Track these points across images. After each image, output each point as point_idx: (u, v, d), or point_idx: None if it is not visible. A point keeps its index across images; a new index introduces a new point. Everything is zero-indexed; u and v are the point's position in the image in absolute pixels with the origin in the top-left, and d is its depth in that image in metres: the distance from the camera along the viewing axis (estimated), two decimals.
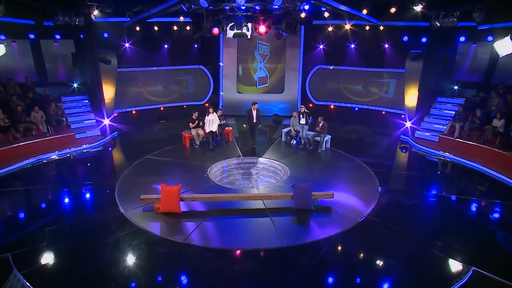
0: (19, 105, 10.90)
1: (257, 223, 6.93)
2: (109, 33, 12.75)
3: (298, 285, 5.16)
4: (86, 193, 8.22)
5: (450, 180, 9.75)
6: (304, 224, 6.92)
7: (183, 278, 5.28)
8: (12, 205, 7.70)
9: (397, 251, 6.04)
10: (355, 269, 5.57)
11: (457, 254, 5.78)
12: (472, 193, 8.61)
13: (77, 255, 5.70)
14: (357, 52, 15.26)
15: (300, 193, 7.28)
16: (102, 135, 11.92)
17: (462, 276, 5.32)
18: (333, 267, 5.62)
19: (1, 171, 8.93)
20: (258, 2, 7.64)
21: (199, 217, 6.99)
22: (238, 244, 6.14)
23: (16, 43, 12.44)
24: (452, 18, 8.70)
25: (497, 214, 7.53)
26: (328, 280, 5.29)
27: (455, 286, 5.16)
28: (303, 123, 11.13)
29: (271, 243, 6.12)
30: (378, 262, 5.78)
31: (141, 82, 15.31)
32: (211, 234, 6.47)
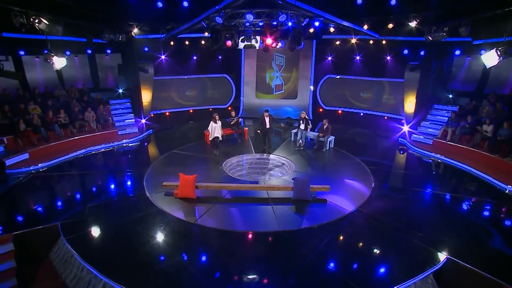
0: (76, 107, 11.75)
1: (259, 210, 7.11)
2: (148, 47, 13.36)
3: (288, 262, 5.31)
4: (122, 178, 8.77)
5: (439, 179, 9.44)
6: (300, 212, 7.01)
7: (189, 251, 5.58)
8: (65, 185, 8.41)
9: (379, 238, 6.04)
10: (339, 252, 5.65)
11: (434, 244, 5.69)
12: (458, 191, 8.37)
13: (109, 227, 6.21)
14: (361, 63, 15.09)
15: (299, 185, 7.38)
16: (139, 132, 12.48)
17: (436, 263, 5.25)
18: (320, 249, 5.69)
19: (61, 158, 9.69)
20: (265, 18, 7.84)
21: (210, 203, 7.27)
22: (240, 226, 6.38)
23: (77, 57, 13.43)
24: (441, 33, 8.43)
25: (479, 211, 7.25)
26: (314, 260, 5.37)
27: (428, 271, 5.12)
28: (302, 128, 10.87)
29: (269, 227, 6.30)
30: (361, 247, 5.82)
31: (174, 88, 15.84)
32: (218, 218, 6.73)
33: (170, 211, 6.78)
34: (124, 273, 4.89)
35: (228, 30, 8.12)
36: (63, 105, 11.56)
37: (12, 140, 9.67)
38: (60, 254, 5.73)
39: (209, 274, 4.99)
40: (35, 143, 9.89)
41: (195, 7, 9.53)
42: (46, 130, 10.24)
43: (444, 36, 8.43)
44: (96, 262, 5.09)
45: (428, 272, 5.12)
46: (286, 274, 4.99)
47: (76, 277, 5.19)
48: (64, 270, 5.46)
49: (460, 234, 6.10)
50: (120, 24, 10.21)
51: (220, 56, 16.12)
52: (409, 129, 12.04)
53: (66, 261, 5.52)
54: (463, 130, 10.19)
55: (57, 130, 10.50)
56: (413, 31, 9.28)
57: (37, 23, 6.81)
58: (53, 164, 9.33)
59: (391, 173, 9.39)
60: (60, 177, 8.74)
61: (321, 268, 5.19)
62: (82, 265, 5.16)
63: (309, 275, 4.99)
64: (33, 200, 7.44)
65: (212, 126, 10.22)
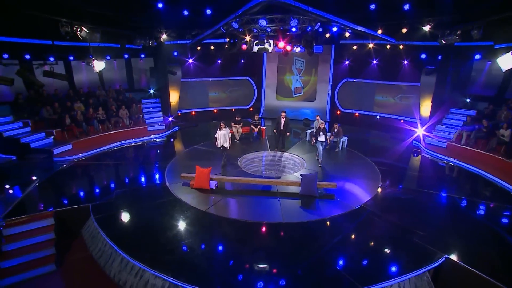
0: (113, 105, 12.62)
1: (267, 203, 7.25)
2: (177, 52, 13.99)
3: (287, 251, 5.44)
4: (147, 169, 9.32)
5: (449, 181, 9.00)
6: (306, 207, 7.09)
7: (197, 235, 5.88)
8: (99, 173, 9.11)
9: (379, 234, 5.98)
10: (336, 245, 5.65)
11: (434, 243, 5.53)
12: (468, 194, 7.88)
13: (131, 210, 6.70)
14: (378, 67, 14.72)
15: (306, 181, 7.45)
16: (166, 129, 13.12)
17: (433, 261, 5.11)
18: (318, 242, 5.76)
19: (98, 150, 10.50)
20: (277, 23, 7.97)
21: (223, 194, 7.56)
22: (246, 216, 6.58)
23: (116, 61, 14.43)
24: (454, 36, 8.01)
25: (487, 214, 6.86)
26: (312, 251, 5.45)
27: (424, 268, 5.00)
28: (322, 140, 9.12)
29: (274, 219, 6.45)
30: (359, 241, 5.79)
31: (200, 90, 16.41)
32: (227, 208, 7.01)
33: (185, 199, 7.16)
34: (139, 250, 5.31)
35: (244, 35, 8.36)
36: (102, 103, 12.48)
37: (59, 132, 10.65)
38: (89, 230, 6.30)
39: (210, 256, 5.26)
40: (77, 136, 10.82)
41: (217, 14, 9.89)
42: (87, 125, 11.15)
43: (457, 40, 8.03)
44: (116, 239, 5.57)
45: (423, 270, 5.00)
46: (281, 262, 5.13)
47: (100, 251, 5.70)
48: (91, 244, 6.01)
49: (463, 236, 5.84)
50: (150, 31, 10.86)
51: (242, 60, 16.45)
52: (423, 132, 11.54)
53: (94, 237, 6.07)
54: (479, 134, 9.60)
55: (95, 125, 11.39)
56: (427, 35, 8.90)
57: (79, 31, 7.53)
58: (91, 154, 10.16)
59: (400, 174, 9.09)
60: (96, 165, 9.50)
61: (315, 258, 5.24)
62: (106, 241, 5.66)
63: (303, 264, 5.09)
64: (72, 184, 8.20)
65: (218, 134, 9.17)
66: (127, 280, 5.02)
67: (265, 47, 8.50)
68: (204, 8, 9.77)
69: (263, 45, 8.45)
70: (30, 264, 5.64)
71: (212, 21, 10.20)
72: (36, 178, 8.01)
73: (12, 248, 5.81)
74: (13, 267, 5.56)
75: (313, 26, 8.16)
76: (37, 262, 5.69)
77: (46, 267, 5.64)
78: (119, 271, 5.18)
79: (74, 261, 5.92)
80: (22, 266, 5.60)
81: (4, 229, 5.93)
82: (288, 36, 8.35)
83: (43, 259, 5.76)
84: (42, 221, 6.25)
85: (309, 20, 8.12)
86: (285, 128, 10.26)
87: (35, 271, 5.55)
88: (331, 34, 12.37)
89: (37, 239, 6.02)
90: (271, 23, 8.05)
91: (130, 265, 5.12)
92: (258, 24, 7.78)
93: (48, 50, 10.68)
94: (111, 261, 5.40)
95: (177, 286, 4.60)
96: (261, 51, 9.15)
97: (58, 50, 11.19)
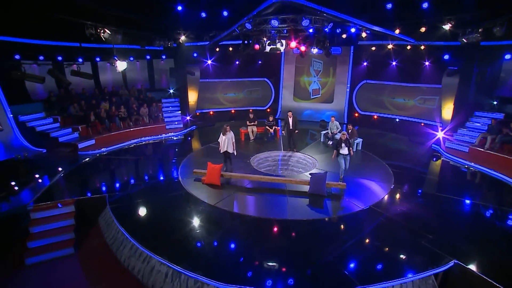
0: (134, 104, 13.34)
1: (274, 200, 7.37)
2: (196, 53, 14.50)
3: (288, 247, 5.54)
4: (162, 164, 9.77)
5: (466, 185, 8.61)
6: (313, 205, 7.14)
7: (204, 227, 6.12)
8: (118, 166, 9.68)
9: (385, 235, 5.89)
10: (340, 243, 5.65)
11: (442, 247, 5.38)
12: (487, 199, 7.51)
13: (143, 202, 7.08)
14: (398, 69, 14.32)
15: (315, 180, 7.48)
16: (184, 127, 13.63)
17: (439, 265, 4.98)
18: (322, 239, 5.80)
19: (118, 145, 11.15)
20: (289, 23, 8.09)
21: (232, 190, 7.77)
22: (253, 212, 6.76)
23: (138, 62, 15.23)
24: (475, 34, 7.67)
25: (505, 221, 6.50)
26: (313, 247, 5.52)
27: (429, 271, 4.89)
28: (345, 153, 7.91)
29: (279, 215, 6.55)
30: (364, 241, 5.74)
31: (218, 90, 16.85)
32: (235, 203, 7.20)
33: (195, 193, 7.46)
34: (148, 238, 5.65)
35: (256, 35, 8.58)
36: (124, 102, 13.22)
37: (84, 128, 11.45)
38: (105, 218, 6.77)
39: (213, 247, 5.46)
40: (100, 132, 11.57)
41: (233, 16, 10.19)
42: (109, 122, 11.88)
43: (479, 38, 7.67)
44: (128, 228, 5.96)
45: (428, 273, 4.89)
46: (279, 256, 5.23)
47: (114, 237, 6.11)
48: (106, 231, 6.45)
49: (477, 242, 5.62)
50: (169, 33, 11.40)
51: (260, 61, 16.68)
52: (443, 136, 11.09)
53: (109, 224, 6.51)
54: (505, 138, 9.07)
55: (117, 122, 12.10)
56: (447, 34, 8.59)
57: (102, 33, 8.14)
58: (112, 149, 10.82)
59: (414, 177, 8.80)
60: (115, 160, 10.10)
61: (315, 254, 5.29)
62: (119, 229, 6.06)
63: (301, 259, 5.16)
64: (93, 176, 8.82)
65: (221, 138, 8.45)
66: (135, 266, 5.36)
67: (277, 46, 8.65)
68: (220, 10, 10.13)
69: (274, 45, 8.60)
70: (51, 246, 6.18)
71: (229, 23, 10.53)
72: (62, 170, 8.71)
73: (37, 231, 6.39)
74: (37, 248, 6.12)
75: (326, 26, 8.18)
76: (57, 245, 6.22)
77: (65, 250, 6.14)
78: (129, 256, 5.54)
79: (90, 246, 6.39)
80: (45, 248, 6.14)
81: (32, 213, 6.55)
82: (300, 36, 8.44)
83: (63, 243, 6.28)
84: (64, 208, 6.81)
85: (321, 20, 8.16)
86: (294, 127, 10.39)
87: (55, 253, 6.07)
88: (348, 35, 12.31)
89: (59, 224, 6.57)
90: (283, 23, 8.20)
91: (139, 252, 5.46)
92: (270, 24, 7.96)
93: (77, 52, 11.56)
94: (122, 247, 5.78)
95: (179, 273, 4.86)
96: (273, 51, 9.30)
97: (86, 52, 12.07)
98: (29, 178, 8.09)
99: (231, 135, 8.46)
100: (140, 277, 5.19)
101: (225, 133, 8.37)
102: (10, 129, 10.00)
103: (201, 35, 12.01)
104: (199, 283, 4.69)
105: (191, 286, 4.71)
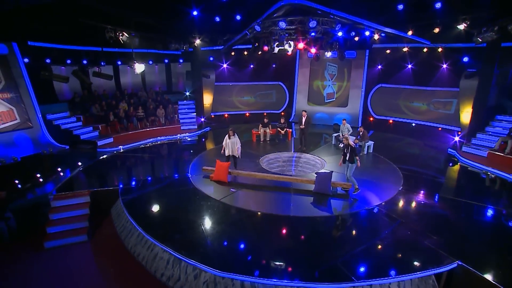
0: (151, 105, 14.02)
1: (279, 197, 7.52)
2: (212, 57, 15.03)
3: (288, 241, 5.65)
4: (174, 162, 10.21)
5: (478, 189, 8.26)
6: (317, 203, 7.21)
7: (207, 219, 6.36)
8: (133, 163, 10.22)
9: (386, 233, 5.84)
10: (339, 240, 5.69)
11: (446, 248, 5.28)
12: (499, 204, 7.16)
13: (153, 195, 7.48)
14: (414, 72, 14.05)
15: (320, 179, 7.54)
16: (198, 128, 14.11)
17: (440, 265, 4.89)
18: (322, 235, 5.86)
19: (135, 144, 11.77)
20: (297, 25, 8.27)
21: (238, 187, 7.98)
22: (257, 207, 6.91)
23: (157, 66, 16.03)
24: (491, 33, 7.44)
25: None
26: (313, 243, 5.60)
27: (429, 271, 4.81)
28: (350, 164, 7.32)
29: (282, 212, 6.68)
30: (363, 238, 5.73)
31: (233, 93, 17.25)
32: (240, 199, 7.41)
33: (203, 189, 7.75)
34: (153, 228, 5.97)
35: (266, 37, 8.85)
36: (142, 103, 13.92)
37: (104, 127, 12.20)
38: (116, 209, 7.20)
39: (214, 237, 5.67)
40: (118, 131, 12.26)
41: (246, 20, 10.57)
42: (127, 121, 12.57)
43: (494, 37, 7.44)
44: (136, 217, 6.32)
45: (428, 272, 4.81)
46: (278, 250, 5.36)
47: (123, 226, 6.50)
48: (117, 221, 6.87)
49: (484, 245, 5.47)
50: (185, 36, 11.97)
51: (274, 64, 16.93)
52: (459, 139, 10.71)
53: (119, 215, 6.93)
54: None
55: (134, 122, 12.78)
56: (462, 34, 8.39)
57: (120, 36, 8.77)
58: (128, 147, 11.44)
59: (425, 180, 8.58)
60: (131, 157, 10.67)
61: (314, 250, 5.35)
62: (128, 218, 6.45)
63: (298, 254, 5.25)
64: (109, 170, 9.38)
65: (226, 141, 8.40)
66: (140, 252, 5.68)
67: (285, 48, 8.85)
68: (234, 14, 10.54)
69: (283, 46, 8.82)
70: (67, 233, 6.67)
71: (242, 26, 10.92)
72: (81, 164, 9.35)
73: (56, 218, 6.93)
74: (55, 233, 6.63)
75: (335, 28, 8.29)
76: (73, 232, 6.70)
77: (79, 237, 6.60)
78: (135, 244, 5.88)
79: (102, 234, 6.83)
80: (62, 234, 6.64)
81: (52, 202, 7.12)
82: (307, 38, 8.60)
83: (78, 230, 6.74)
84: (80, 198, 7.32)
85: (329, 22, 8.29)
86: (306, 126, 10.52)
87: (70, 239, 6.53)
88: (362, 39, 12.27)
89: (75, 212, 7.07)
90: (290, 24, 8.42)
91: (144, 240, 5.79)
92: (278, 26, 8.21)
93: (100, 56, 12.41)
94: (129, 235, 6.14)
95: (180, 260, 5.11)
96: (281, 52, 9.51)
97: (108, 56, 12.91)
98: (53, 171, 8.78)
99: (236, 139, 8.51)
100: (144, 263, 5.50)
101: (230, 137, 8.40)
102: (38, 127, 10.89)
103: (215, 39, 12.49)
104: (197, 270, 4.92)
105: (190, 273, 4.94)
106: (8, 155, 9.21)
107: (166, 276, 5.12)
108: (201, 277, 4.85)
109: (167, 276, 5.10)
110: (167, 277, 5.09)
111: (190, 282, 4.86)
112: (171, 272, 5.10)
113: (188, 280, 4.90)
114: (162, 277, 5.14)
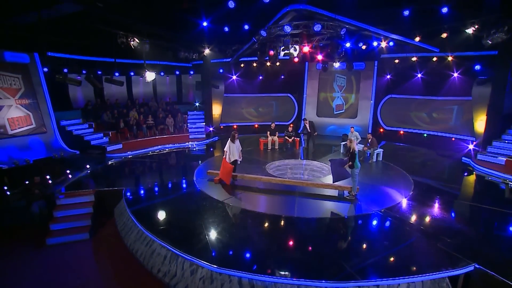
0: (161, 114, 14.35)
1: (284, 199, 7.37)
2: (221, 68, 15.42)
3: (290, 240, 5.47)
4: (180, 167, 10.27)
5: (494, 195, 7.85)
6: (322, 205, 7.05)
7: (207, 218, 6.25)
8: (140, 167, 10.34)
9: (396, 236, 5.58)
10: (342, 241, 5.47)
11: (461, 251, 4.97)
12: None
13: (156, 196, 7.53)
14: (424, 82, 13.89)
15: (335, 166, 7.32)
16: (206, 138, 14.27)
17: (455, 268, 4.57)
18: (326, 236, 5.65)
19: (143, 150, 11.95)
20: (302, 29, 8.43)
21: (242, 190, 7.89)
22: (260, 208, 6.77)
23: (168, 77, 16.57)
24: (500, 33, 7.32)
25: None
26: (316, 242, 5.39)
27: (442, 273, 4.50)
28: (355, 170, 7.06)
29: (286, 213, 6.52)
30: (371, 240, 5.47)
31: (242, 105, 17.46)
32: (244, 200, 7.28)
33: (206, 191, 7.69)
34: (154, 226, 5.92)
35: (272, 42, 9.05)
36: (152, 112, 14.28)
37: (114, 134, 12.52)
38: (119, 209, 7.22)
39: (213, 235, 5.54)
40: (128, 138, 12.54)
41: (253, 29, 10.89)
42: (137, 129, 12.86)
43: (504, 37, 7.31)
44: (136, 215, 6.30)
45: (441, 274, 4.50)
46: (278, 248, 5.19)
47: (124, 224, 6.48)
48: (118, 220, 6.87)
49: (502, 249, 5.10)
50: (194, 46, 12.39)
51: (283, 75, 17.14)
52: (474, 147, 10.34)
53: (121, 213, 6.93)
54: None
55: (144, 130, 13.05)
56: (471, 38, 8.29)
57: (132, 41, 9.19)
58: (136, 153, 11.62)
59: (436, 186, 8.21)
60: (138, 162, 10.81)
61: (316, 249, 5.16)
62: (129, 216, 6.43)
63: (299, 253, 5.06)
64: (116, 174, 9.51)
65: (229, 146, 8.15)
66: (139, 249, 5.61)
67: (290, 51, 9.00)
68: (242, 24, 10.88)
69: (288, 50, 8.97)
70: (70, 230, 6.70)
71: (249, 36, 11.23)
72: (89, 167, 9.55)
73: (60, 215, 7.00)
74: (58, 231, 6.68)
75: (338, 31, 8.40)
76: (75, 230, 6.72)
77: (81, 235, 6.61)
78: (134, 241, 5.83)
79: (103, 234, 6.82)
80: (64, 231, 6.67)
81: (57, 200, 7.23)
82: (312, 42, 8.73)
83: (80, 228, 6.77)
84: (85, 197, 7.42)
85: (334, 26, 8.41)
86: (312, 130, 10.82)
87: (73, 237, 6.56)
88: (370, 49, 12.35)
89: (79, 211, 7.15)
90: (295, 29, 8.59)
91: (143, 236, 5.73)
92: (283, 30, 8.40)
93: (113, 66, 12.97)
94: (130, 232, 6.10)
95: (177, 255, 5.00)
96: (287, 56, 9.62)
97: (121, 67, 13.46)
98: (62, 174, 8.98)
99: (239, 143, 8.40)
100: (142, 259, 5.41)
101: (234, 140, 8.19)
102: (52, 132, 11.29)
103: (224, 49, 12.85)
104: (194, 265, 4.78)
105: (186, 268, 4.81)
106: (22, 158, 9.55)
107: (162, 272, 5.00)
108: (198, 273, 4.70)
109: (163, 272, 4.98)
110: (163, 273, 4.97)
111: (186, 278, 4.72)
112: (167, 268, 4.98)
113: (184, 276, 4.76)
114: (158, 273, 5.02)
